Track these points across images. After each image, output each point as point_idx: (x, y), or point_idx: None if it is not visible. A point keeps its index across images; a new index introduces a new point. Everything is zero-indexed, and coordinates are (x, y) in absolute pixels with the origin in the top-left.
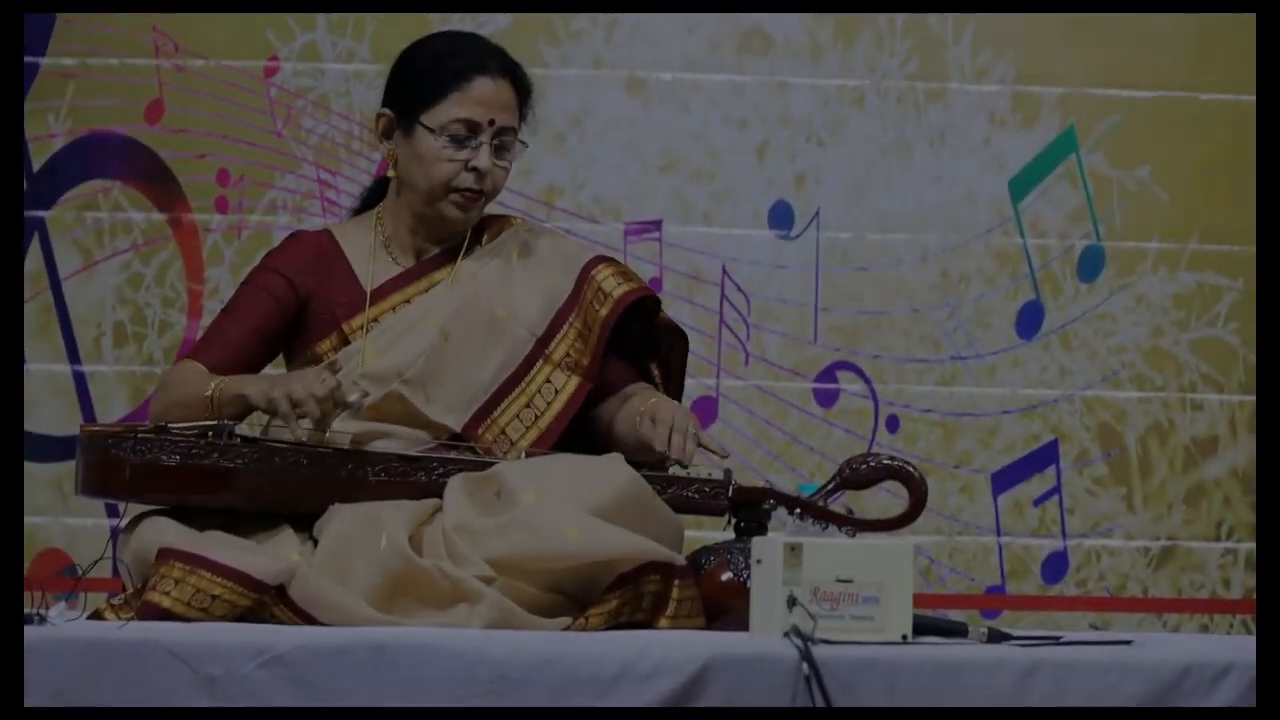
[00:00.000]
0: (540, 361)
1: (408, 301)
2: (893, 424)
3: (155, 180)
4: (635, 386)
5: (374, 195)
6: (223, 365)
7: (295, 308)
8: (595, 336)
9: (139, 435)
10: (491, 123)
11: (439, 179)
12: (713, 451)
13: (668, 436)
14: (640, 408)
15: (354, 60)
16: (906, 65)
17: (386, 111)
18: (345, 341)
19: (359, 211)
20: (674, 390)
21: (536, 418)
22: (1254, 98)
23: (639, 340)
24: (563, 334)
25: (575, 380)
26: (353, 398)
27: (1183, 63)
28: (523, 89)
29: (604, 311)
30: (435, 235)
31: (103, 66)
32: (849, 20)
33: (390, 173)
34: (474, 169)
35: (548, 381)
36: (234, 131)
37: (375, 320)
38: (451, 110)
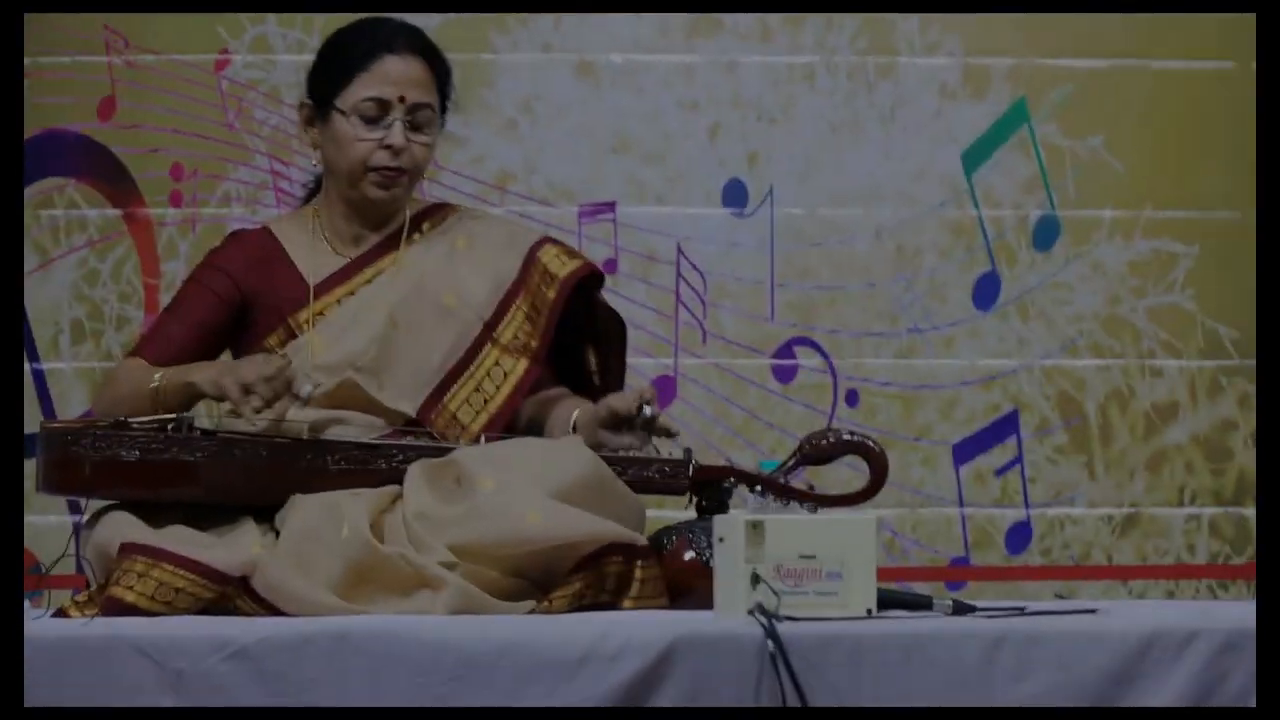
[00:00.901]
0: (489, 345)
1: (352, 293)
2: (852, 398)
3: (109, 177)
4: (557, 390)
5: (315, 191)
6: (166, 362)
7: (239, 304)
8: (543, 319)
9: (98, 431)
10: (402, 99)
11: (356, 159)
12: (665, 430)
13: (636, 400)
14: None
15: (304, 51)
16: (856, 41)
17: (308, 101)
18: (292, 335)
19: (303, 205)
20: (614, 379)
21: (486, 401)
22: (1206, 64)
23: (579, 325)
24: (510, 317)
25: (524, 363)
26: (305, 389)
27: (1134, 32)
28: (438, 66)
29: (551, 293)
30: (369, 220)
31: (54, 65)
32: None
33: (315, 162)
34: (388, 146)
35: (496, 364)
36: (187, 125)
37: (320, 313)
38: (360, 90)
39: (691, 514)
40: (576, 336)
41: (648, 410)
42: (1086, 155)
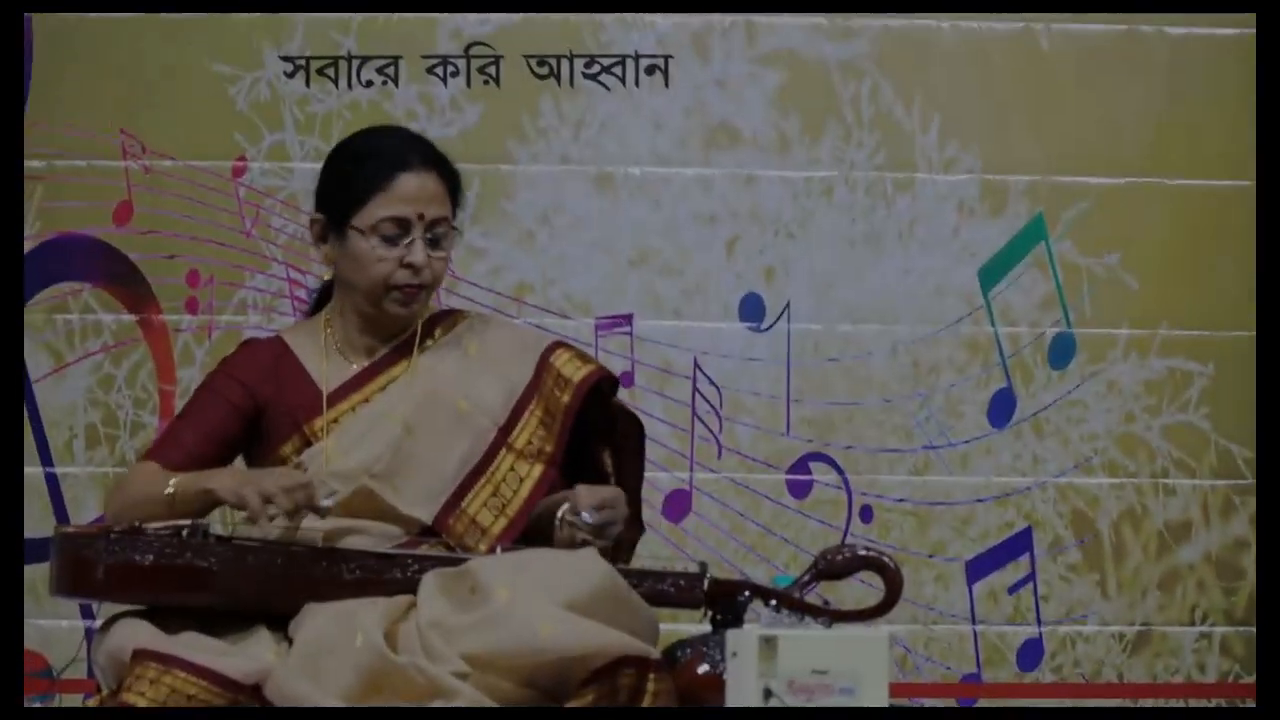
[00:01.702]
0: (504, 451)
1: (366, 400)
2: (866, 514)
3: (125, 281)
4: (565, 492)
5: (322, 299)
6: (179, 467)
7: (252, 413)
8: (558, 424)
9: (113, 535)
10: (421, 217)
11: (377, 278)
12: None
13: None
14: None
15: (322, 159)
16: (874, 156)
17: (319, 216)
18: (308, 443)
19: (309, 315)
20: (632, 477)
21: (504, 506)
22: (1222, 182)
23: (593, 428)
24: (524, 422)
25: (539, 468)
26: (325, 502)
27: (1150, 148)
28: (450, 177)
29: (565, 398)
30: (383, 332)
31: (70, 169)
32: (815, 112)
33: (326, 275)
34: (409, 265)
35: (512, 470)
36: (203, 232)
37: (335, 421)
38: (378, 210)
39: (706, 627)
40: (591, 439)
41: (586, 517)
42: (1102, 272)
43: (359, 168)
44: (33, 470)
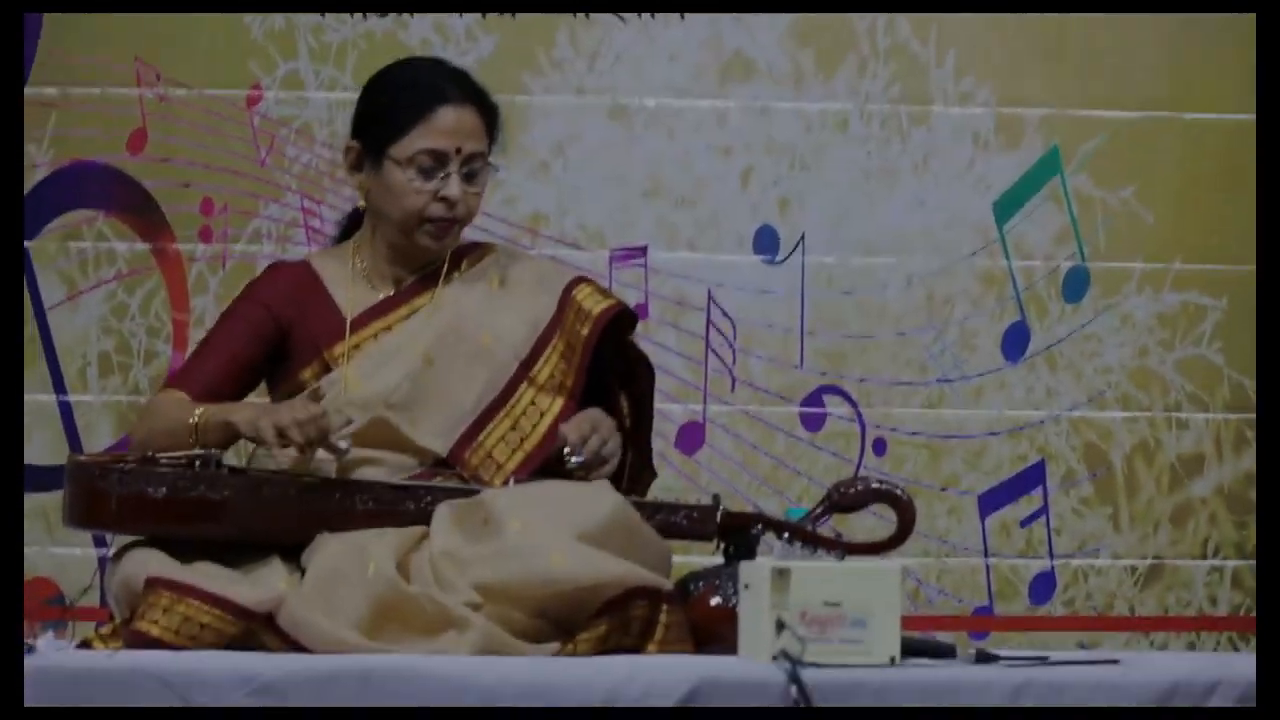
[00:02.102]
0: (525, 384)
1: (389, 329)
2: (879, 447)
3: (139, 210)
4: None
5: (351, 225)
6: (204, 394)
7: (276, 338)
8: (578, 357)
9: (126, 466)
10: (459, 151)
11: (410, 211)
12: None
13: (579, 440)
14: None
15: (336, 89)
16: (889, 89)
17: (355, 144)
18: (327, 369)
19: (337, 242)
20: (643, 423)
21: (522, 440)
22: (1237, 116)
23: (613, 366)
24: (546, 356)
25: (560, 401)
26: (341, 442)
27: (1165, 82)
28: (489, 113)
29: (585, 330)
30: (412, 264)
31: (85, 96)
32: (831, 44)
33: (361, 204)
34: (444, 198)
35: (532, 403)
36: (217, 161)
37: (356, 347)
38: (416, 142)
39: (719, 560)
40: (609, 378)
41: (575, 460)
42: (1118, 206)
43: (399, 98)
44: (46, 398)
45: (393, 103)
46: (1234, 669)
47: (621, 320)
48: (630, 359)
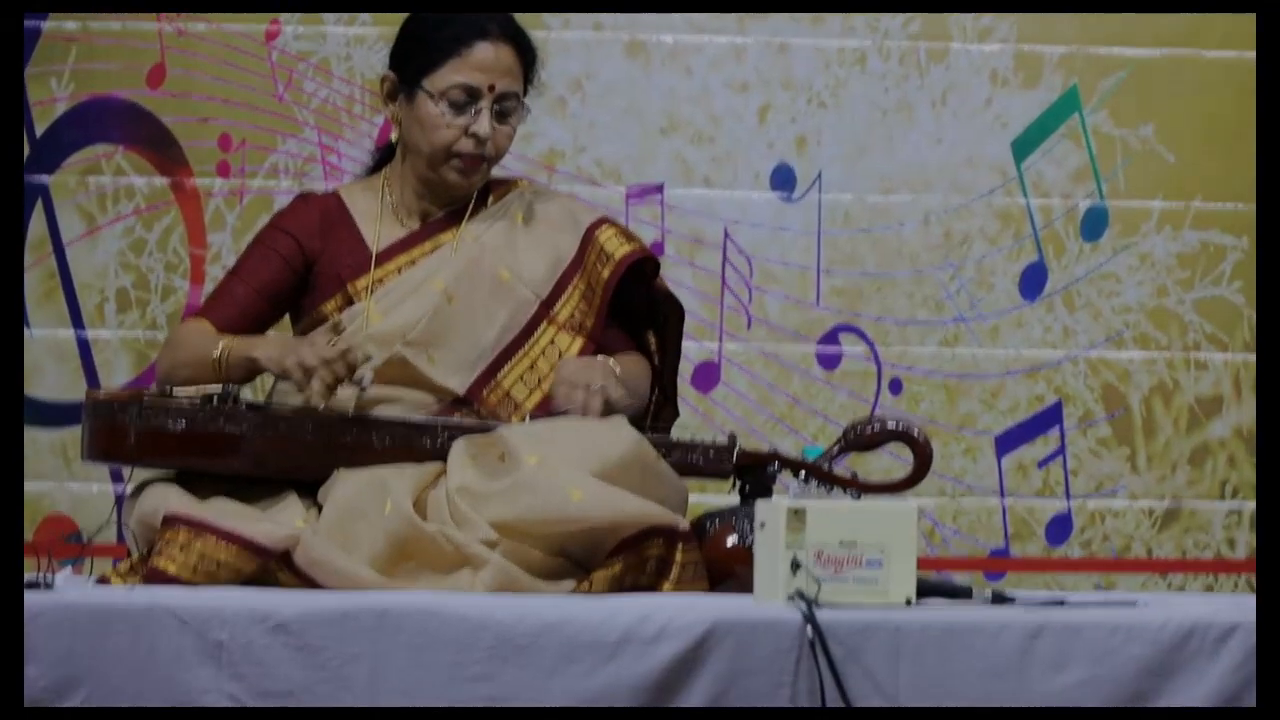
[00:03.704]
0: (545, 323)
1: (413, 263)
2: (896, 386)
3: (157, 145)
4: (626, 355)
5: (384, 158)
6: (230, 325)
7: (303, 268)
8: (598, 298)
9: (144, 401)
10: (492, 88)
11: (439, 144)
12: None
13: (565, 393)
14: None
15: (355, 24)
16: (908, 26)
17: (390, 75)
18: (350, 302)
19: (370, 172)
20: (670, 361)
21: (540, 380)
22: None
23: (637, 308)
24: (567, 296)
25: (579, 341)
26: (366, 378)
27: (1185, 20)
28: (526, 53)
29: (606, 273)
30: (440, 199)
31: (104, 30)
32: None
33: (394, 136)
34: (474, 135)
35: (551, 343)
36: (236, 95)
37: (380, 281)
38: (451, 76)
39: (734, 499)
40: (636, 319)
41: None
42: (1137, 145)
43: (437, 31)
44: (64, 333)
45: (431, 35)
46: (1251, 611)
47: (644, 264)
48: (657, 301)
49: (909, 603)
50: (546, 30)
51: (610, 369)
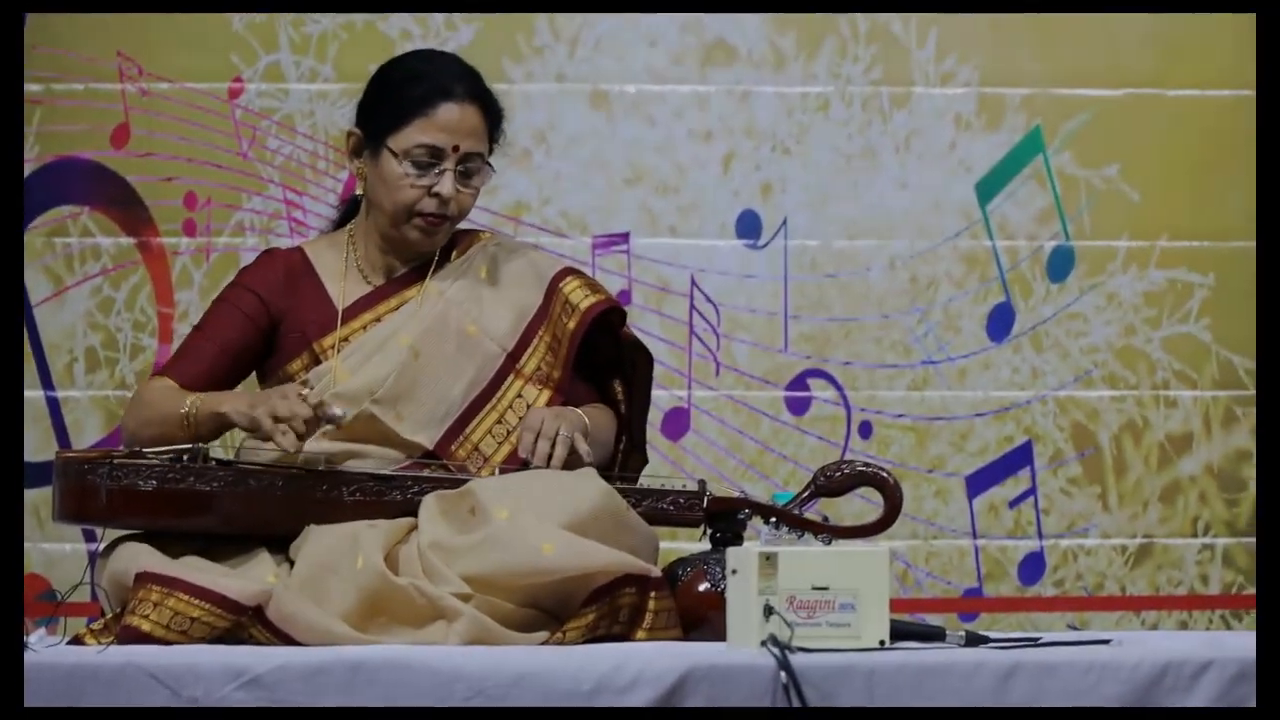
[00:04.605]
0: (511, 376)
1: (378, 320)
2: (865, 430)
3: (123, 204)
4: (591, 407)
5: (348, 213)
6: (195, 382)
7: (268, 326)
8: (564, 349)
9: (115, 461)
10: (456, 149)
11: (402, 204)
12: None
13: (530, 442)
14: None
15: (317, 80)
16: (870, 71)
17: (356, 131)
18: (316, 361)
19: (335, 229)
20: (639, 408)
21: (509, 433)
22: (1221, 92)
23: (604, 357)
24: (533, 348)
25: (547, 393)
26: (337, 411)
27: (1149, 61)
28: (491, 113)
29: (572, 324)
30: (404, 255)
31: (68, 92)
32: (812, 28)
33: (359, 190)
34: (437, 195)
35: (519, 396)
36: (200, 154)
37: (346, 339)
38: (415, 135)
39: (706, 546)
40: (601, 369)
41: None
42: (1101, 185)
43: (404, 89)
44: (33, 394)
45: (397, 93)
46: (1227, 648)
47: (610, 315)
48: (624, 349)
49: (883, 645)
50: (510, 83)
51: (579, 418)
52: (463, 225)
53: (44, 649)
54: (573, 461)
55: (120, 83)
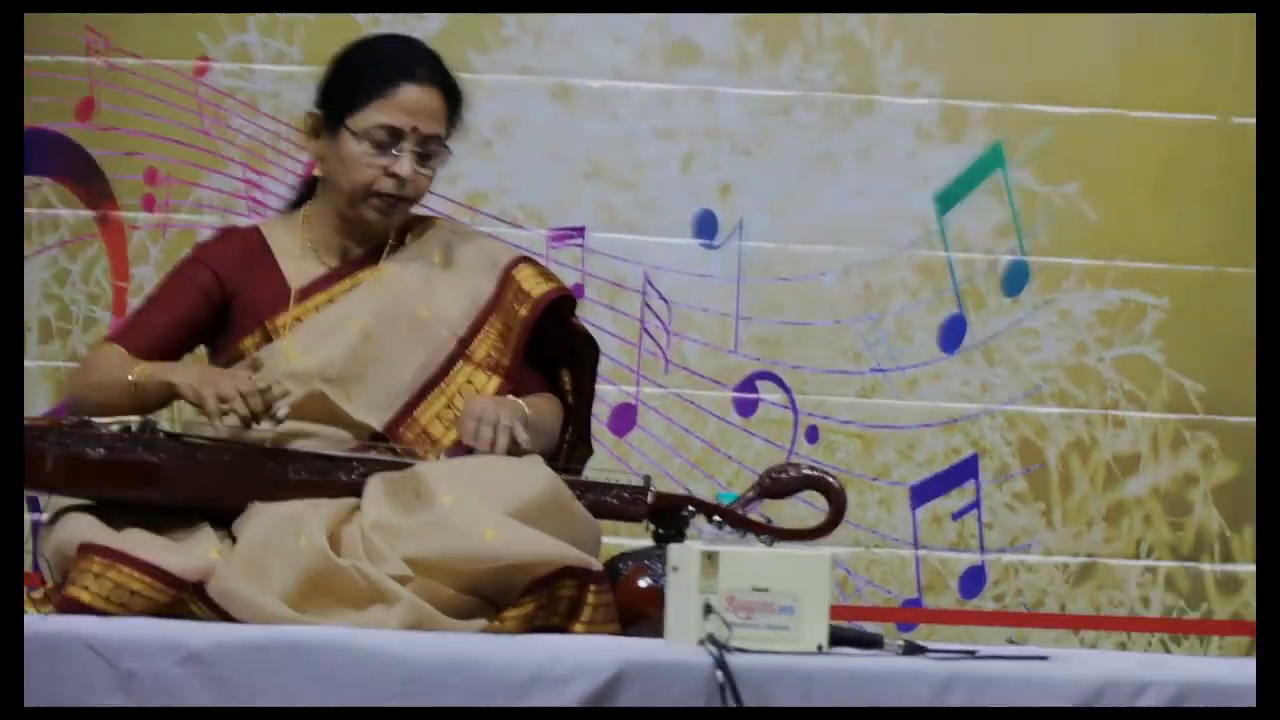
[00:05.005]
0: (461, 361)
1: (332, 301)
2: (812, 435)
3: (84, 178)
4: (538, 396)
5: (305, 194)
6: (144, 352)
7: (220, 302)
8: (515, 336)
9: (63, 428)
10: (415, 130)
11: (359, 183)
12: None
13: (473, 428)
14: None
15: (284, 61)
16: (835, 77)
17: (316, 111)
18: (268, 339)
19: (291, 208)
20: (584, 399)
21: (457, 418)
22: (1185, 116)
23: (554, 347)
24: (484, 334)
25: (496, 380)
26: (281, 411)
27: (1114, 80)
28: (452, 97)
29: (524, 312)
30: (359, 237)
31: (36, 63)
32: (778, 32)
33: (317, 172)
34: (394, 175)
35: (469, 381)
36: (163, 130)
37: (299, 319)
38: (375, 116)
39: (648, 541)
40: (552, 357)
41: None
42: (1060, 202)
43: (365, 70)
44: None
45: (357, 74)
46: (1164, 670)
47: (561, 303)
48: (573, 338)
49: (821, 650)
50: (474, 73)
51: (519, 408)
52: (419, 211)
53: None
54: (511, 451)
55: (87, 56)
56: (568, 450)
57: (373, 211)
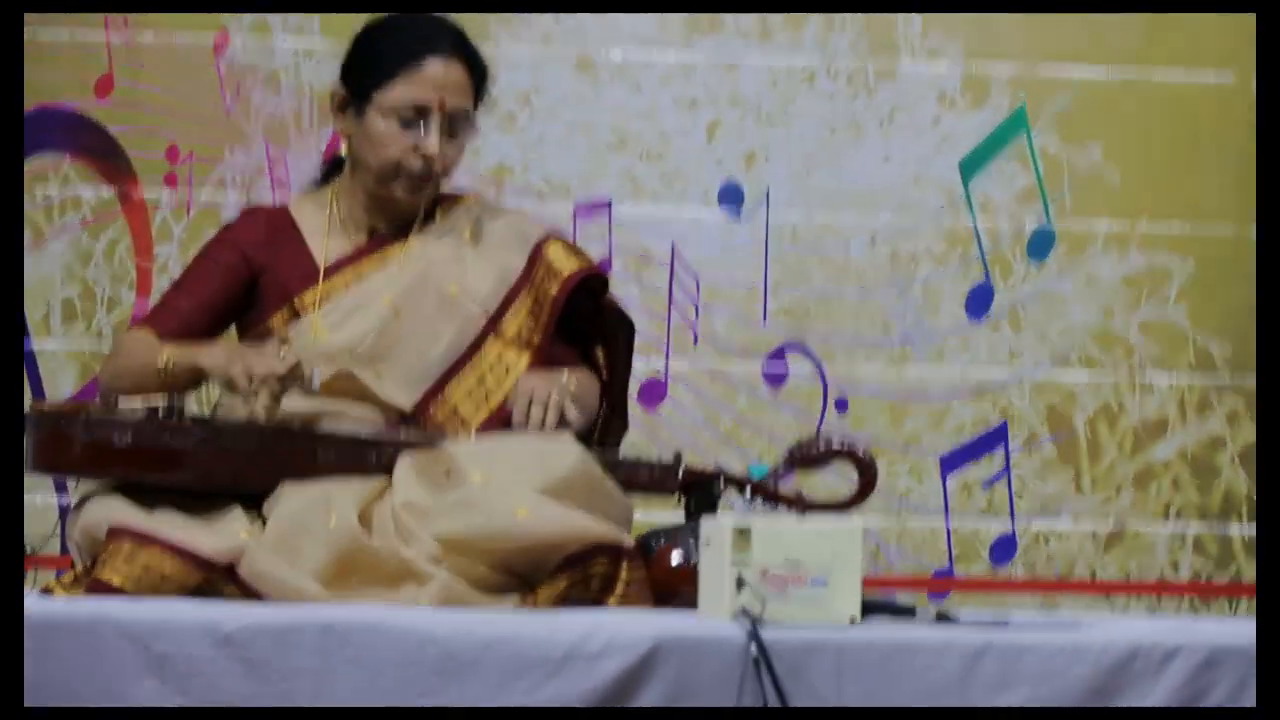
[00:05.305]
0: (491, 339)
1: (361, 278)
2: (841, 405)
3: (105, 155)
4: (578, 371)
5: (331, 170)
6: (174, 335)
7: (248, 282)
8: (546, 314)
9: (90, 413)
10: (442, 105)
11: (389, 160)
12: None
13: (526, 408)
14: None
15: (303, 34)
16: (857, 44)
17: (340, 89)
18: (297, 316)
19: (318, 185)
20: (619, 376)
21: (488, 395)
22: (1206, 77)
23: (587, 324)
24: (514, 311)
25: (527, 357)
26: (315, 382)
27: (1135, 41)
28: (477, 70)
29: (554, 289)
30: (388, 213)
31: (53, 40)
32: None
33: (343, 150)
34: (422, 151)
35: (499, 359)
36: (183, 107)
37: (327, 296)
38: (401, 92)
39: (680, 516)
40: (584, 335)
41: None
42: (1084, 165)
43: (388, 46)
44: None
45: (382, 50)
46: (1195, 634)
47: (592, 281)
48: (606, 314)
49: (853, 621)
50: (495, 45)
51: (566, 385)
52: (447, 190)
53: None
54: (560, 426)
55: (106, 32)
56: (602, 425)
57: (401, 189)
